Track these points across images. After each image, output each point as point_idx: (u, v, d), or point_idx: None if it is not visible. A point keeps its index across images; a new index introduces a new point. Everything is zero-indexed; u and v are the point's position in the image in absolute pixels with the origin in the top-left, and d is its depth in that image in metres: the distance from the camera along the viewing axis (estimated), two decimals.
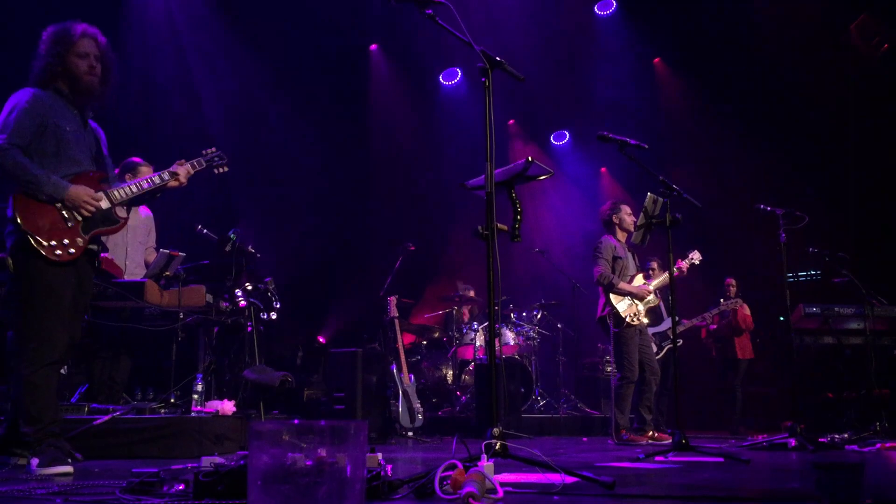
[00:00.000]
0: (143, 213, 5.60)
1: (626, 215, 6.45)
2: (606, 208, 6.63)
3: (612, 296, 6.24)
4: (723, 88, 10.78)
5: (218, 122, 8.64)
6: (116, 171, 5.22)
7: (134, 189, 3.64)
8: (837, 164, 9.88)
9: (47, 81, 3.49)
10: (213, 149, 4.10)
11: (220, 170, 4.11)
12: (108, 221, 3.50)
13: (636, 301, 6.30)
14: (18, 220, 3.24)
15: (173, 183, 3.83)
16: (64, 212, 3.33)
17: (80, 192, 3.36)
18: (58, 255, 3.28)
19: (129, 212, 3.81)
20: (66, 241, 3.31)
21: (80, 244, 3.36)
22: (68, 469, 3.29)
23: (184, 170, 3.87)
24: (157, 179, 3.78)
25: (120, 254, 5.32)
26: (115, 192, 3.54)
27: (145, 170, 5.15)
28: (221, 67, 8.79)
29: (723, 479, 3.16)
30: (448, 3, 3.00)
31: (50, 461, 3.23)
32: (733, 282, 8.76)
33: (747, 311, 8.83)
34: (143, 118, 7.75)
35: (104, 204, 3.47)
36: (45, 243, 3.25)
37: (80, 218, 3.37)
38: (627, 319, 6.19)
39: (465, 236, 10.00)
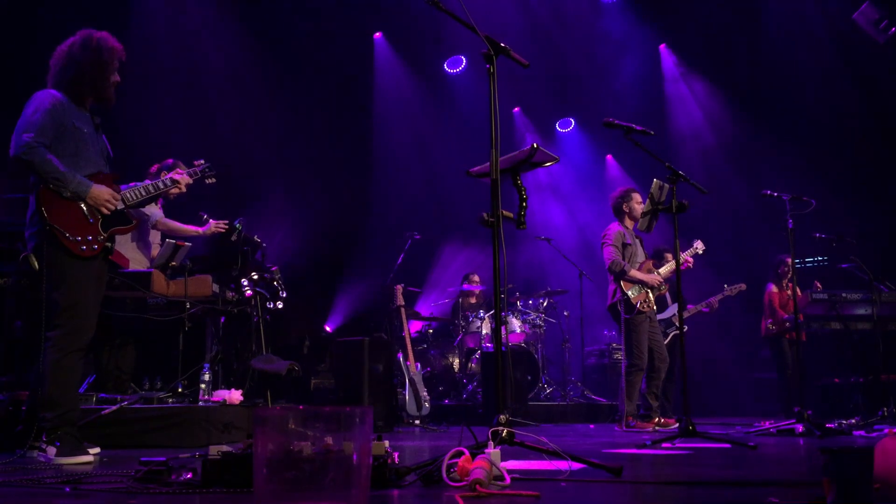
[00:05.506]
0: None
1: (636, 204, 6.37)
2: (617, 195, 6.54)
3: (622, 282, 6.21)
4: (729, 73, 10.71)
5: (221, 111, 8.63)
6: (154, 167, 5.28)
7: (143, 192, 3.79)
8: (845, 149, 9.83)
9: (75, 90, 3.54)
10: (203, 161, 4.33)
11: (210, 180, 4.34)
12: (123, 221, 3.62)
13: (647, 288, 6.28)
14: (45, 215, 3.33)
15: (174, 190, 4.05)
16: (86, 209, 3.44)
17: (103, 191, 3.48)
18: (83, 250, 3.40)
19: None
20: (89, 238, 3.43)
21: (101, 241, 3.48)
22: (89, 458, 3.32)
23: (184, 178, 4.11)
24: (160, 185, 3.95)
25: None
26: (128, 194, 3.68)
27: (182, 169, 5.20)
28: (225, 57, 8.76)
29: (729, 465, 3.16)
30: None
31: (70, 451, 3.27)
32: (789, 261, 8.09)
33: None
34: (141, 107, 7.69)
35: (120, 204, 3.59)
36: (70, 238, 3.36)
37: (100, 216, 3.49)
38: (638, 306, 6.16)
39: (471, 224, 10.00)
